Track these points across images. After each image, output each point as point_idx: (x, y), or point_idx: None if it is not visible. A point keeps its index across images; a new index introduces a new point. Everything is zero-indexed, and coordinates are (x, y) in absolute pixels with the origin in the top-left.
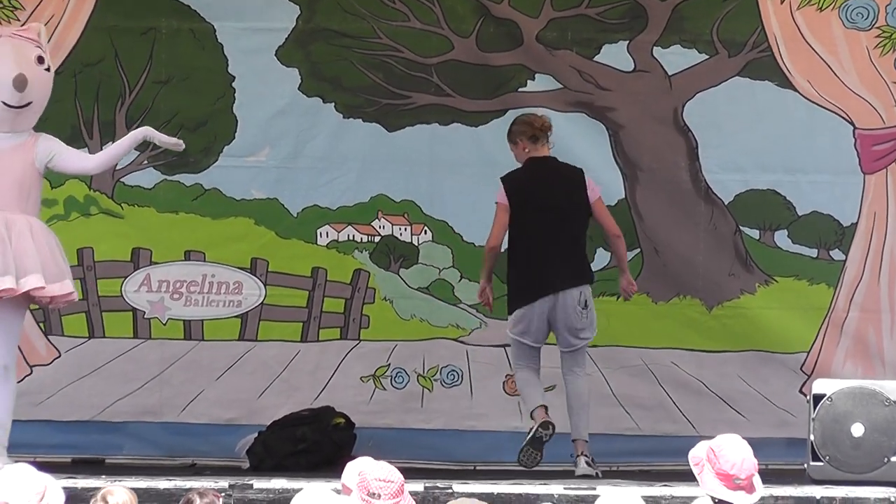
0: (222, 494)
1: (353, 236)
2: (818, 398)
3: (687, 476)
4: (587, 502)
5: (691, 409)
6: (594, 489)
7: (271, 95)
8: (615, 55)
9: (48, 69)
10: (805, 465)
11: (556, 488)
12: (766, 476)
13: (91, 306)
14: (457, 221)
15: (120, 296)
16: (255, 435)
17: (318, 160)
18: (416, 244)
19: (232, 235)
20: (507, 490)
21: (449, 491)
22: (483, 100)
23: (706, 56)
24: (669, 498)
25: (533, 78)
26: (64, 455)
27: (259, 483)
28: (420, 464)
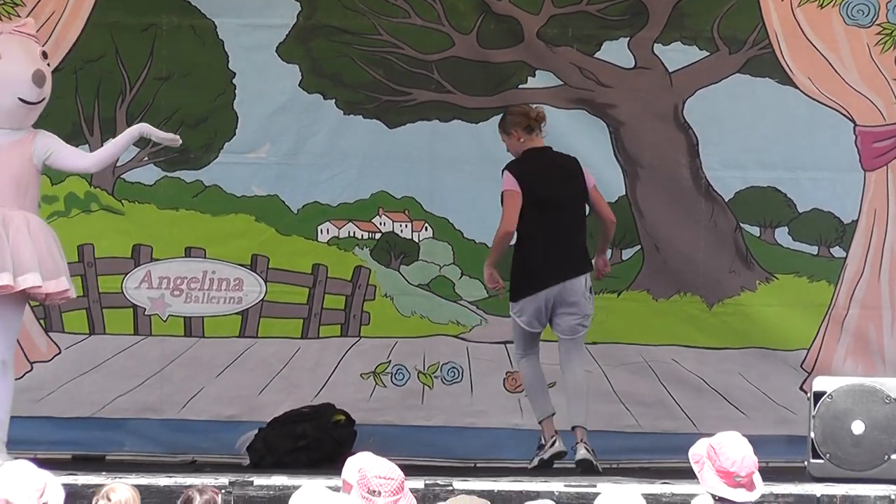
0: (222, 491)
1: (354, 233)
2: (818, 395)
3: (687, 473)
4: (588, 500)
5: (692, 407)
6: (594, 486)
7: (272, 92)
8: (616, 52)
9: (49, 65)
10: (805, 463)
11: (557, 485)
12: (767, 473)
13: (91, 303)
14: (457, 218)
15: (120, 292)
16: (256, 432)
17: (319, 157)
18: (417, 241)
19: (232, 232)
20: (508, 487)
21: (449, 488)
22: (483, 96)
23: (707, 53)
24: (670, 495)
25: (533, 74)
26: (64, 452)
27: (259, 480)
28: (420, 461)
